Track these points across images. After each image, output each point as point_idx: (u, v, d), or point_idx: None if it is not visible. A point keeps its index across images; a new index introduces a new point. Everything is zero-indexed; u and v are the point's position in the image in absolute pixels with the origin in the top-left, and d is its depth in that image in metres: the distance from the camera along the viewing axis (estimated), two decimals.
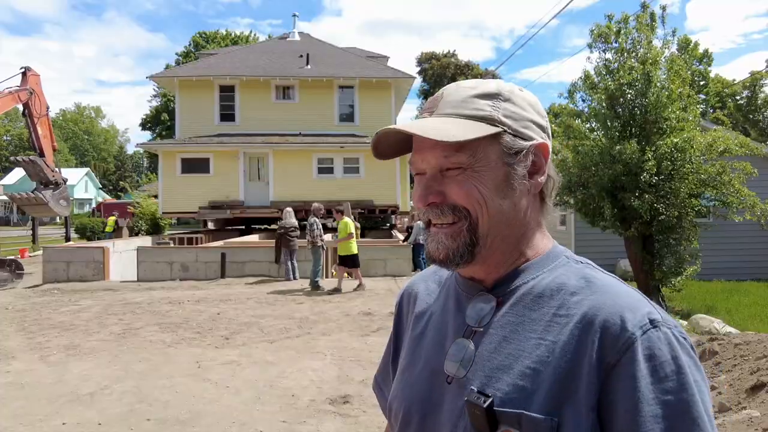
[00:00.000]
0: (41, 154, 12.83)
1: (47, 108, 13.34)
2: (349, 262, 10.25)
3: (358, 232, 15.27)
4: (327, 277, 12.66)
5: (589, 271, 0.75)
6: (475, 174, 0.74)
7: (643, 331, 0.65)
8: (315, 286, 10.42)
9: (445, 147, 0.73)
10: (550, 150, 0.79)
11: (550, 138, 0.82)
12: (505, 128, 0.75)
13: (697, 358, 0.67)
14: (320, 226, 10.65)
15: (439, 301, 0.87)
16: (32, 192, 12.51)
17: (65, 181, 13.25)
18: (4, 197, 46.16)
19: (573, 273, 0.75)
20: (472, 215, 0.74)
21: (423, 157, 0.76)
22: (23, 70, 12.78)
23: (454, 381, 0.75)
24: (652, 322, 0.66)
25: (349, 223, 10.18)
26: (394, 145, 0.76)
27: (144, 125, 47.38)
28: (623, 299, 0.69)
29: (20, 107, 12.97)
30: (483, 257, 0.76)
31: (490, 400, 0.68)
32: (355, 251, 10.22)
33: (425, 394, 0.78)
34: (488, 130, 0.73)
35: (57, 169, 13.21)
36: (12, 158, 13.86)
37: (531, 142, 0.76)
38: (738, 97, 38.71)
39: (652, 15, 9.43)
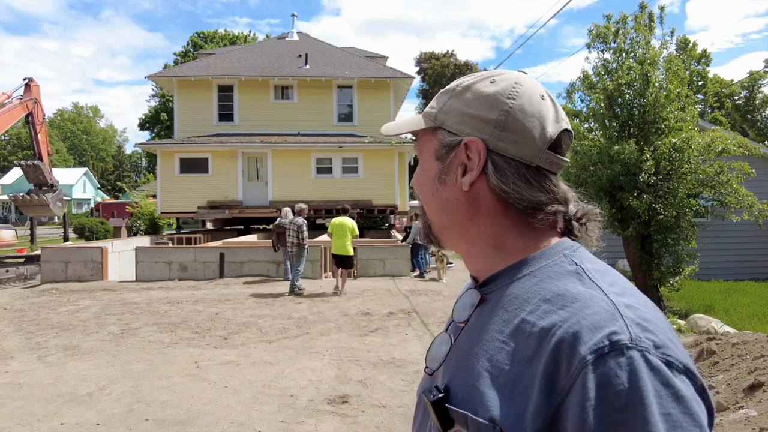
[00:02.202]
0: (40, 158, 14.00)
1: (44, 116, 14.69)
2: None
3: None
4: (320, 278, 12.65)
5: (572, 278, 0.68)
6: (420, 166, 0.83)
7: (597, 355, 0.57)
8: (297, 289, 10.13)
9: (417, 139, 0.84)
10: (486, 146, 0.74)
11: (518, 133, 0.73)
12: (439, 124, 0.79)
13: (688, 390, 0.57)
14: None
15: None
16: (33, 194, 13.51)
17: (58, 183, 14.37)
18: (4, 197, 46.09)
19: (558, 276, 0.69)
20: (421, 200, 0.84)
21: None
22: (26, 81, 13.96)
23: (434, 374, 0.77)
24: (613, 344, 0.57)
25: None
26: None
27: (142, 125, 47.28)
28: (590, 315, 0.61)
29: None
30: (445, 242, 0.83)
31: (440, 395, 0.69)
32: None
33: (424, 386, 0.81)
34: (416, 126, 0.81)
35: (50, 170, 14.31)
36: (16, 162, 15.30)
37: (461, 138, 0.76)
38: (736, 98, 38.77)
39: (651, 15, 9.45)
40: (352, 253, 10.28)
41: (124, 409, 4.47)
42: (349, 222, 10.10)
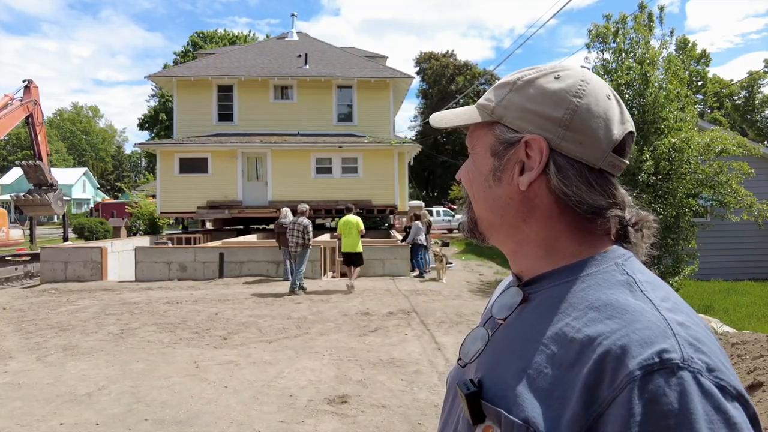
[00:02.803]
0: (40, 158, 14.32)
1: (43, 116, 15.11)
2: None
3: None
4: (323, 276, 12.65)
5: (623, 288, 0.66)
6: (472, 160, 0.80)
7: (646, 371, 0.55)
8: (301, 288, 10.18)
9: (468, 132, 0.81)
10: (549, 145, 0.71)
11: (583, 133, 0.70)
12: (496, 118, 0.75)
13: (741, 417, 0.55)
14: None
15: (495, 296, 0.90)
16: (34, 194, 13.85)
17: (57, 182, 14.76)
18: (5, 197, 46.08)
19: (608, 285, 0.67)
20: (470, 194, 0.81)
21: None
22: (26, 83, 14.27)
23: (466, 366, 0.77)
24: (663, 361, 0.56)
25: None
26: None
27: (142, 125, 47.24)
28: (640, 330, 0.59)
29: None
30: (491, 240, 0.80)
31: (475, 390, 0.68)
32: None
33: (456, 377, 0.81)
34: (471, 119, 0.78)
35: (49, 170, 14.69)
36: (16, 162, 15.92)
37: (521, 135, 0.72)
38: (736, 98, 38.79)
39: (650, 15, 9.46)
40: (361, 250, 10.58)
41: (123, 409, 4.47)
42: (353, 219, 10.48)
